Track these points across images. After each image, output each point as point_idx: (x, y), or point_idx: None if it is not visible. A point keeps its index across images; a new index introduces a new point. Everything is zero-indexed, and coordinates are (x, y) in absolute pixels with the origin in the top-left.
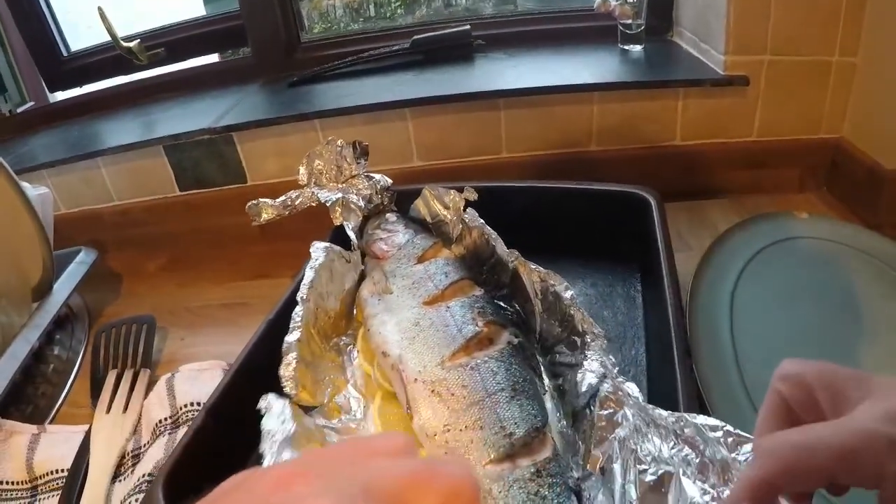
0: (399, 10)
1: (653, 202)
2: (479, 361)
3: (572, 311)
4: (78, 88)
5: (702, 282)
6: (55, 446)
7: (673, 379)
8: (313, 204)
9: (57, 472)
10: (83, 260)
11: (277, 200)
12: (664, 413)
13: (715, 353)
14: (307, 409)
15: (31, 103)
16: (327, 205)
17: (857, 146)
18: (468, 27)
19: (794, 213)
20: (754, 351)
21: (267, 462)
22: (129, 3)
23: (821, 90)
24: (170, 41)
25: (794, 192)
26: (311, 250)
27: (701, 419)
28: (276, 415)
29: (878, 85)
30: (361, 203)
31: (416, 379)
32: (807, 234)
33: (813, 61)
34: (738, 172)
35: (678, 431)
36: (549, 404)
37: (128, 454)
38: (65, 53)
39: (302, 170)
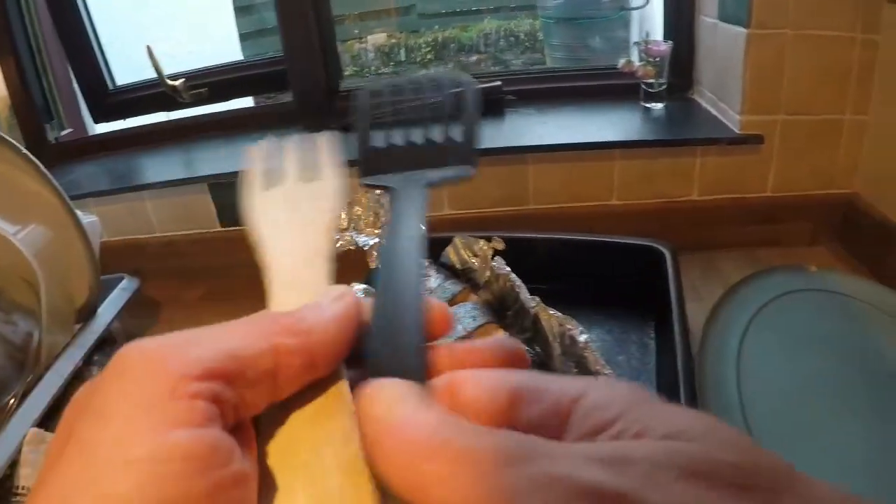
0: (429, 56)
1: (667, 255)
2: None
3: (586, 354)
4: (121, 121)
5: (711, 331)
6: None
7: None
8: (352, 248)
9: None
10: (126, 287)
11: None
12: None
13: (721, 400)
14: None
15: (70, 130)
16: (364, 249)
17: (869, 201)
18: (499, 83)
19: (803, 266)
20: (759, 399)
21: None
22: (167, 35)
23: (833, 147)
24: (213, 82)
25: (806, 245)
26: None
27: None
28: None
29: (888, 142)
30: None
31: None
32: (815, 287)
33: (825, 120)
34: (751, 227)
35: None
36: None
37: None
38: (111, 86)
39: (342, 215)
